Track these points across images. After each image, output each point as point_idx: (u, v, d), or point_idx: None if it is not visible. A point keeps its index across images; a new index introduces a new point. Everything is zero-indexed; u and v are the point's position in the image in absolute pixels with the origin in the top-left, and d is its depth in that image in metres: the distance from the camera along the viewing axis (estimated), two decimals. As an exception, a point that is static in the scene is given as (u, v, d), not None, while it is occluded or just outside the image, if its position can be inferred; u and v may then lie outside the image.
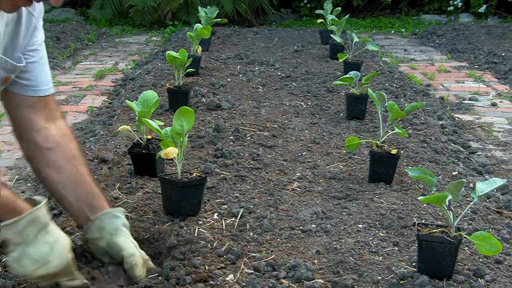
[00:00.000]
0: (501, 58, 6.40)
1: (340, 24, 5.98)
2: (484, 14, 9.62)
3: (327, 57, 6.14)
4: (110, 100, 4.82)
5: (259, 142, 3.47)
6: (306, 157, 3.30)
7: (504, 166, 3.43)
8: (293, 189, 2.86)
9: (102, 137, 3.66)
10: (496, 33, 8.08)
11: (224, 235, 2.36)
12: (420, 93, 4.87)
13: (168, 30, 8.66)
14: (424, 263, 2.05)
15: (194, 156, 3.22)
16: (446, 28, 8.57)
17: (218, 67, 5.54)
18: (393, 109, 2.88)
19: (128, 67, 6.18)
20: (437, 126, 3.94)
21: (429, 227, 2.11)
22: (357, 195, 2.79)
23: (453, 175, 3.09)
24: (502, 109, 4.71)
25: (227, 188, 2.83)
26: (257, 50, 6.63)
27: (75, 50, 7.20)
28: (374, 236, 2.37)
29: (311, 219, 2.53)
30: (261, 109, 4.15)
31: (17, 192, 1.82)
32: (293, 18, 9.89)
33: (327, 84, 4.91)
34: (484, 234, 1.95)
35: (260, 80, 5.05)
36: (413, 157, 3.27)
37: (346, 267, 2.14)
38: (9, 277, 2.03)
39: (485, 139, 3.95)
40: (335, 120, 4.01)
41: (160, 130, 2.40)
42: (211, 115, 3.96)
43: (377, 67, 5.72)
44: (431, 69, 6.21)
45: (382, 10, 10.13)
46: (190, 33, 5.10)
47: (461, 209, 2.53)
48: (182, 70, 4.04)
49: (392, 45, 7.75)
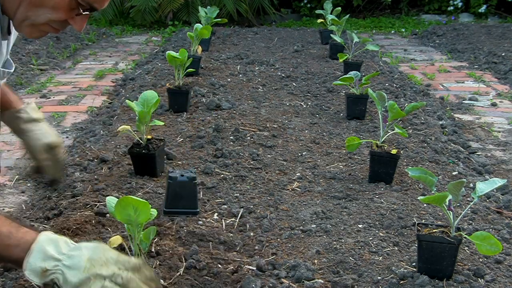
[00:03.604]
0: (501, 58, 6.40)
1: (340, 24, 5.98)
2: (484, 14, 9.62)
3: (327, 57, 6.14)
4: (110, 100, 4.82)
5: (259, 142, 3.47)
6: (306, 157, 3.30)
7: (504, 166, 3.43)
8: (293, 189, 2.86)
9: (102, 137, 3.66)
10: (496, 33, 8.07)
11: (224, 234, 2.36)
12: (420, 93, 4.87)
13: (168, 30, 8.66)
14: (424, 263, 2.05)
15: (194, 156, 3.22)
16: (446, 28, 8.57)
17: (218, 67, 5.53)
18: (393, 109, 2.88)
19: (128, 67, 6.18)
20: (437, 126, 3.93)
21: (429, 227, 2.11)
22: (357, 195, 2.79)
23: (453, 175, 3.09)
24: (502, 109, 4.71)
25: (227, 188, 2.83)
26: (257, 50, 6.63)
27: (75, 50, 7.20)
28: (374, 236, 2.37)
29: (311, 219, 2.53)
30: (261, 109, 4.15)
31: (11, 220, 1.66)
32: (293, 18, 9.89)
33: (327, 84, 4.91)
34: (484, 234, 1.95)
35: (260, 80, 5.05)
36: (413, 157, 3.27)
37: (346, 267, 2.14)
38: (8, 277, 2.03)
39: (485, 139, 3.95)
40: (335, 120, 4.01)
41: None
42: (211, 115, 3.96)
43: (377, 67, 5.72)
44: (431, 69, 6.21)
45: (382, 10, 10.13)
46: (190, 33, 5.10)
47: (461, 209, 2.53)
48: (182, 70, 4.04)
49: (392, 45, 7.75)
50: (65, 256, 1.51)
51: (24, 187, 3.13)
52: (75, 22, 1.61)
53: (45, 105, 4.74)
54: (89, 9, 1.60)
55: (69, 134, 4.03)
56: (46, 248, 1.50)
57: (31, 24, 1.59)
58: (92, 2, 1.58)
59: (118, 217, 1.92)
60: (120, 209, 1.89)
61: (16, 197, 2.98)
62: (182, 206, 2.51)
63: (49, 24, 1.60)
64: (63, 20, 1.60)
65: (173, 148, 3.32)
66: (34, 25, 1.60)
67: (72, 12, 1.58)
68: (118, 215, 1.91)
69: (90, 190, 2.72)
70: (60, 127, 4.20)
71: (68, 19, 1.59)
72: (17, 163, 3.47)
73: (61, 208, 2.57)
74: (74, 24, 1.61)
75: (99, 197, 2.64)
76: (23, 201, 2.93)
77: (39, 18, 1.58)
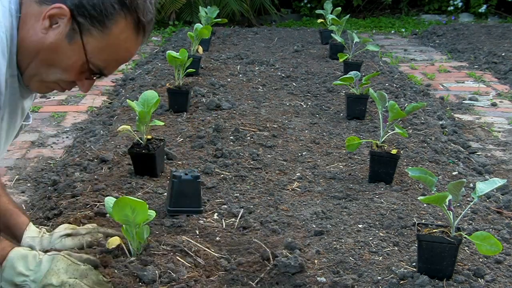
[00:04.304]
0: (501, 58, 6.40)
1: (341, 24, 5.98)
2: (484, 14, 9.62)
3: (327, 57, 6.14)
4: (110, 100, 4.82)
5: (259, 142, 3.47)
6: (306, 157, 3.30)
7: (504, 166, 3.43)
8: (293, 189, 2.86)
9: (102, 137, 3.66)
10: (496, 33, 8.07)
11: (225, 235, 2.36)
12: (420, 93, 4.87)
13: (168, 30, 8.66)
14: (424, 263, 2.05)
15: (194, 156, 3.22)
16: (446, 28, 8.57)
17: (218, 67, 5.53)
18: (394, 109, 2.88)
19: (128, 67, 6.18)
20: (437, 126, 3.94)
21: (429, 227, 2.11)
22: (357, 195, 2.79)
23: (453, 175, 3.09)
24: (502, 109, 4.71)
25: (227, 188, 2.83)
26: (257, 50, 6.63)
27: (75, 50, 7.19)
28: (374, 236, 2.37)
29: (311, 219, 2.53)
30: (261, 109, 4.15)
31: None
32: (293, 18, 9.88)
33: (327, 84, 4.91)
34: (484, 234, 1.95)
35: (260, 80, 5.05)
36: (413, 157, 3.27)
37: (346, 267, 2.14)
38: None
39: (485, 139, 3.95)
40: (335, 120, 4.01)
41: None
42: (211, 115, 3.96)
43: (377, 67, 5.72)
44: (431, 69, 6.21)
45: (382, 10, 10.13)
46: (190, 33, 5.10)
47: (461, 209, 2.53)
48: (182, 70, 4.04)
49: (392, 45, 7.76)
50: (32, 272, 1.78)
51: (24, 187, 3.13)
52: (83, 84, 1.70)
53: (45, 105, 4.74)
54: (98, 74, 1.68)
55: (69, 134, 4.03)
56: (16, 265, 1.77)
57: (40, 80, 1.66)
58: (103, 69, 1.66)
59: (115, 217, 1.92)
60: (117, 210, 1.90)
61: (16, 197, 2.98)
62: (186, 205, 2.51)
63: (58, 83, 1.68)
64: (72, 81, 1.68)
65: (173, 148, 3.32)
66: (43, 82, 1.67)
67: (81, 75, 1.66)
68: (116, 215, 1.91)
69: (90, 190, 2.72)
70: (60, 127, 4.20)
71: (77, 80, 1.67)
72: (17, 163, 3.48)
73: (61, 208, 2.57)
74: (81, 86, 1.70)
75: (99, 197, 2.64)
76: (23, 201, 2.93)
77: (49, 77, 1.66)
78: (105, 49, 1.63)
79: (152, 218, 2.00)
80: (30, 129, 4.12)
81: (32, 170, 3.38)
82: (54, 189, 2.88)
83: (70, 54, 1.61)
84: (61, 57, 1.62)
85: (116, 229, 2.33)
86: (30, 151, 3.70)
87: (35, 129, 4.14)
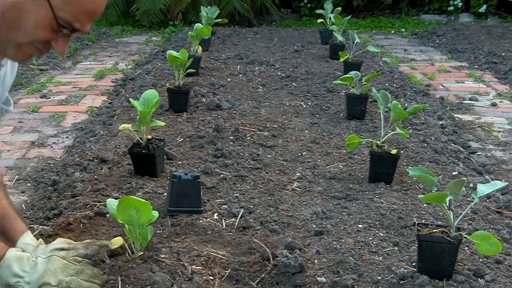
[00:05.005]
0: (501, 58, 6.40)
1: (342, 23, 5.97)
2: (484, 14, 9.62)
3: (327, 57, 6.14)
4: (110, 100, 4.82)
5: (259, 142, 3.47)
6: (306, 157, 3.30)
7: (504, 166, 3.43)
8: (293, 189, 2.86)
9: (102, 137, 3.66)
10: (496, 33, 8.08)
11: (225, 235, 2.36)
12: (420, 93, 4.87)
13: (168, 30, 8.66)
14: (424, 263, 2.05)
15: (194, 156, 3.22)
16: (446, 28, 8.57)
17: (218, 67, 5.53)
18: (396, 109, 2.88)
19: (128, 67, 6.18)
20: (437, 126, 3.93)
21: (429, 227, 2.11)
22: (357, 195, 2.79)
23: (453, 175, 3.08)
24: (502, 109, 4.71)
25: (227, 188, 2.83)
26: (257, 50, 6.63)
27: (75, 50, 7.20)
28: (374, 236, 2.37)
29: (311, 219, 2.53)
30: (261, 109, 4.15)
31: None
32: (293, 18, 9.89)
33: (327, 84, 4.91)
34: (484, 234, 1.95)
35: (260, 80, 5.05)
36: (413, 157, 3.27)
37: (346, 267, 2.14)
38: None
39: (485, 139, 3.95)
40: (335, 120, 4.01)
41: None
42: (211, 115, 3.96)
43: (377, 67, 5.72)
44: (431, 69, 6.21)
45: (382, 10, 10.13)
46: (191, 33, 5.10)
47: (461, 209, 2.53)
48: (182, 70, 4.04)
49: (392, 45, 7.75)
50: (27, 273, 1.84)
51: (24, 187, 3.13)
52: (57, 44, 1.60)
53: (45, 105, 4.74)
54: (70, 31, 1.59)
55: (69, 134, 4.03)
56: (12, 265, 1.84)
57: (15, 45, 1.59)
58: (72, 22, 1.57)
59: (119, 217, 1.92)
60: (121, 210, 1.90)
61: (16, 197, 2.98)
62: (186, 204, 2.51)
63: (33, 44, 1.60)
64: (47, 41, 1.60)
65: (173, 148, 3.32)
66: (18, 47, 1.60)
67: (55, 34, 1.58)
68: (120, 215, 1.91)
69: (90, 190, 2.72)
70: (60, 127, 4.20)
71: (51, 40, 1.59)
72: (17, 163, 3.48)
73: (61, 208, 2.57)
74: (55, 46, 1.61)
75: (99, 197, 2.64)
76: (23, 201, 2.93)
77: (22, 39, 1.58)
78: (69, 1, 1.55)
79: (156, 219, 2.00)
80: (30, 129, 4.13)
81: (32, 170, 3.38)
82: (54, 189, 2.88)
83: (35, 10, 1.54)
84: (28, 15, 1.55)
85: (116, 230, 2.33)
86: (30, 151, 3.70)
87: (35, 129, 4.14)
